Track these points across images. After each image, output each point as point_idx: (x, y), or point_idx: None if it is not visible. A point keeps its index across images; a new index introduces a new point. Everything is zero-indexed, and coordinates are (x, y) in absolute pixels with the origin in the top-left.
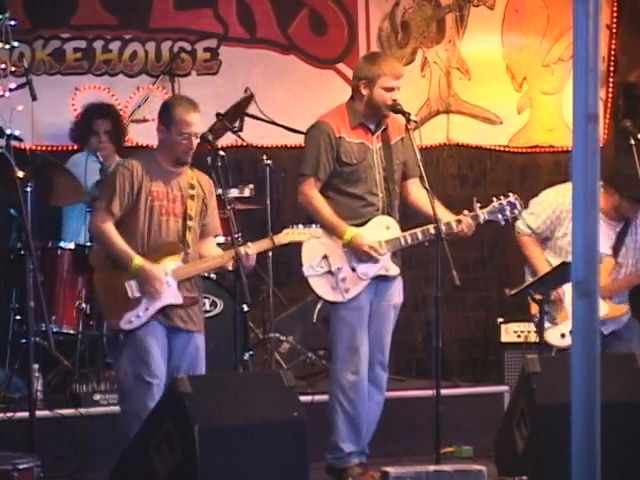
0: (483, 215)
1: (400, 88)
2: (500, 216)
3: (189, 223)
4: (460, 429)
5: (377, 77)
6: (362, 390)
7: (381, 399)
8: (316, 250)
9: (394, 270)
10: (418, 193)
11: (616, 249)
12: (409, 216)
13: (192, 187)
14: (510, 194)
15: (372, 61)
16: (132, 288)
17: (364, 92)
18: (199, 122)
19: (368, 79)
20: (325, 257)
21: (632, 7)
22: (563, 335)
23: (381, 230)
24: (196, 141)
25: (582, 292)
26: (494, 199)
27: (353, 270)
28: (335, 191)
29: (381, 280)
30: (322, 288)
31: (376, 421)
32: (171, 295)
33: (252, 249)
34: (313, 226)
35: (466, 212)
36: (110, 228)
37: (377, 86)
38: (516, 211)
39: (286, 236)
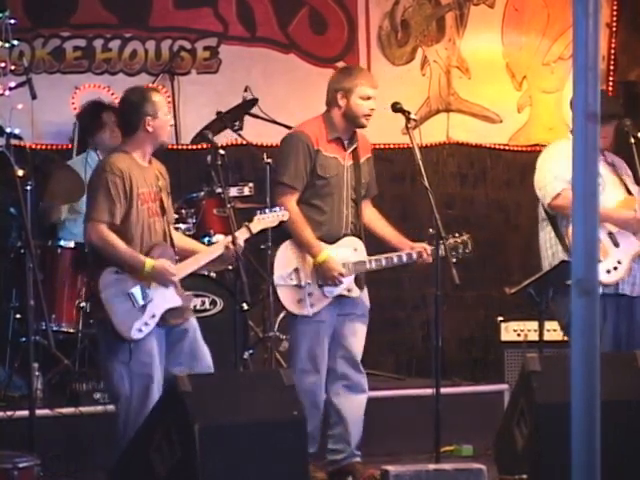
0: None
1: (375, 99)
2: (454, 254)
3: (168, 218)
4: (460, 428)
5: (354, 87)
6: (321, 399)
7: (363, 400)
8: (288, 261)
9: (355, 292)
10: (370, 213)
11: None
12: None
13: (158, 179)
14: (464, 233)
15: (348, 72)
16: (135, 297)
17: (341, 103)
18: None
19: (345, 90)
20: (296, 270)
21: (632, 6)
22: (609, 271)
23: (349, 251)
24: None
25: (582, 290)
26: (450, 236)
27: (320, 287)
28: (304, 202)
29: (344, 297)
30: (289, 300)
31: (361, 422)
32: (172, 298)
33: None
34: (277, 209)
35: (426, 246)
36: (114, 238)
37: (354, 95)
38: (467, 250)
39: (259, 223)
